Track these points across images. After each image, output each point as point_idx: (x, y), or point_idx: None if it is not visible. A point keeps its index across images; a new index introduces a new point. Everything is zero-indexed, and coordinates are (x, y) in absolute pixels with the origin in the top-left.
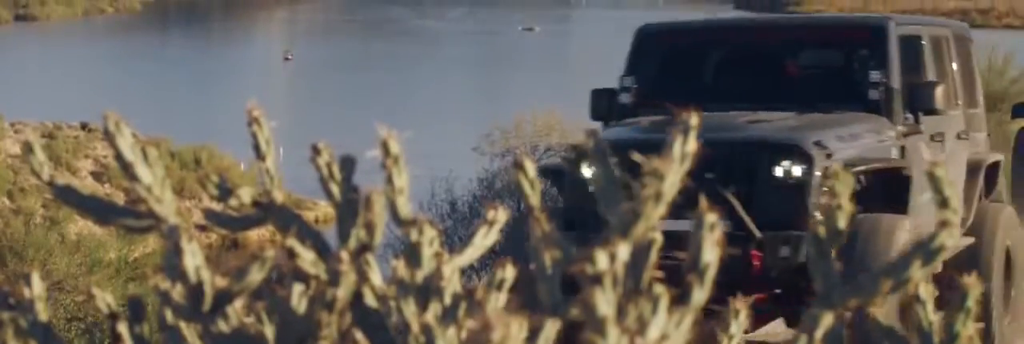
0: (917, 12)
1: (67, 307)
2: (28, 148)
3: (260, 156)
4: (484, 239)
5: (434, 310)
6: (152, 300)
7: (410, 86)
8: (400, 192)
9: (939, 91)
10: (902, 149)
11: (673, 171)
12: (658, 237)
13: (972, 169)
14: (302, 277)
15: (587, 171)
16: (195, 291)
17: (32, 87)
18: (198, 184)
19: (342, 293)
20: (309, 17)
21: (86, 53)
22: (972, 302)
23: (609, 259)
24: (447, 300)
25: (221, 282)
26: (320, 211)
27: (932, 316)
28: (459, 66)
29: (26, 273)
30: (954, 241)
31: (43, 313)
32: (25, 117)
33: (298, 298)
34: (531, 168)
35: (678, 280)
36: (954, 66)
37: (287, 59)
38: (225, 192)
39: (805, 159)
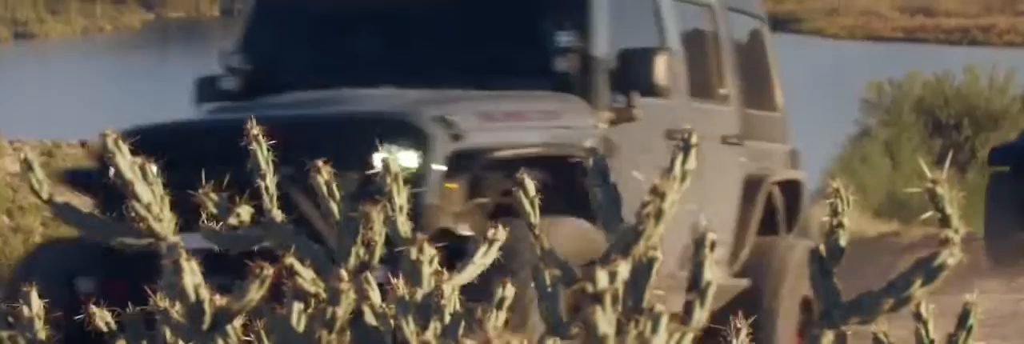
0: (917, 30)
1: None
2: (27, 166)
3: (259, 174)
4: (484, 257)
5: (434, 328)
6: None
7: None
8: (400, 210)
9: (660, 61)
10: (606, 142)
11: (674, 189)
12: (659, 255)
13: (749, 188)
14: (301, 295)
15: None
16: (194, 309)
17: (31, 105)
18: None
19: (341, 311)
20: None
21: (85, 71)
22: (974, 320)
23: (609, 278)
24: (447, 318)
25: (220, 301)
26: None
27: (933, 334)
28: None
29: (25, 291)
30: (955, 260)
31: (41, 331)
32: (24, 135)
33: (297, 316)
34: (531, 186)
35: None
36: (723, 45)
37: None
38: (225, 210)
39: (417, 140)
